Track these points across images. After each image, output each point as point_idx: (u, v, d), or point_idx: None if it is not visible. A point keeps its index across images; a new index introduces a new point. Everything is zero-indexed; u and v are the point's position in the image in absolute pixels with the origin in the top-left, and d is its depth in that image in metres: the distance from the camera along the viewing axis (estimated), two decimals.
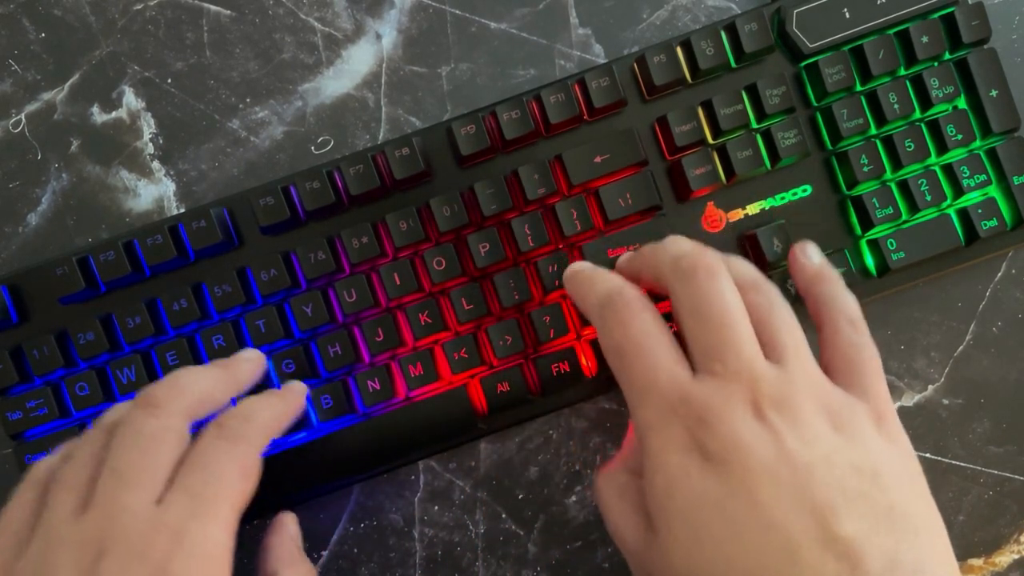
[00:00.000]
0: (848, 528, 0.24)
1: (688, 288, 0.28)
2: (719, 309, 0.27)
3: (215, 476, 0.27)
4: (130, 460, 0.27)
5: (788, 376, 0.26)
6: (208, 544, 0.26)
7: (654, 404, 0.27)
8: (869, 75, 0.36)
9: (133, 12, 0.41)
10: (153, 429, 0.28)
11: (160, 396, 0.28)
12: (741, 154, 0.36)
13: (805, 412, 0.26)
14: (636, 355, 0.28)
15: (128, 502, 0.26)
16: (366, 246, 0.36)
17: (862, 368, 0.28)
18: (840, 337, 0.29)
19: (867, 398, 0.27)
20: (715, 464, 0.25)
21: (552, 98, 0.36)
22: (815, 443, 0.25)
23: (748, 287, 0.28)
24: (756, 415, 0.26)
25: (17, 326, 0.37)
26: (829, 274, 0.31)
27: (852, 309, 0.29)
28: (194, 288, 0.36)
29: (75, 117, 0.40)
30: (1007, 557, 0.39)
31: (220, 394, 0.31)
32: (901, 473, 0.26)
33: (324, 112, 0.40)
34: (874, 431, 0.26)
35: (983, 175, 0.36)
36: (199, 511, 0.26)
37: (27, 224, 0.40)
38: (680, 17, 0.41)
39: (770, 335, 0.27)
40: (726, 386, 0.26)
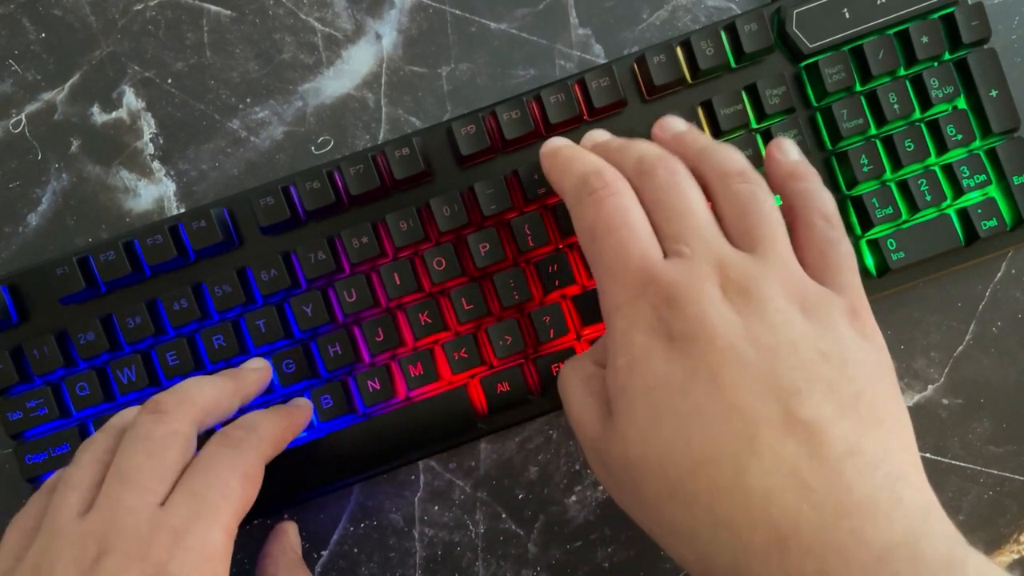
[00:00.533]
0: (810, 411, 0.23)
1: (650, 185, 0.28)
2: (678, 199, 0.27)
3: (218, 481, 0.27)
4: (136, 463, 0.27)
5: (759, 262, 0.26)
6: (208, 546, 0.26)
7: (622, 283, 0.27)
8: (869, 75, 0.36)
9: (133, 12, 0.41)
10: (160, 434, 0.28)
11: (169, 403, 0.29)
12: None
13: (775, 298, 0.25)
14: (608, 233, 0.27)
15: (131, 503, 0.26)
16: (366, 246, 0.36)
17: (837, 263, 0.27)
18: (814, 232, 0.28)
19: (842, 292, 0.27)
20: (680, 344, 0.25)
21: (552, 98, 0.36)
22: (783, 327, 0.25)
23: (732, 174, 0.28)
24: (724, 297, 0.25)
25: (17, 326, 0.37)
26: (804, 171, 0.30)
27: (827, 205, 0.29)
28: (194, 288, 0.36)
29: (75, 117, 0.40)
30: (1007, 557, 0.39)
31: (227, 403, 0.31)
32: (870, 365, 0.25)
33: (324, 112, 0.40)
34: (846, 325, 0.26)
35: (983, 175, 0.36)
36: (201, 514, 0.26)
37: (27, 224, 0.40)
38: (680, 17, 0.41)
39: (748, 225, 0.27)
40: (695, 267, 0.26)
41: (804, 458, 0.23)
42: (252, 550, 0.38)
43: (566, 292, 0.36)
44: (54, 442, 0.36)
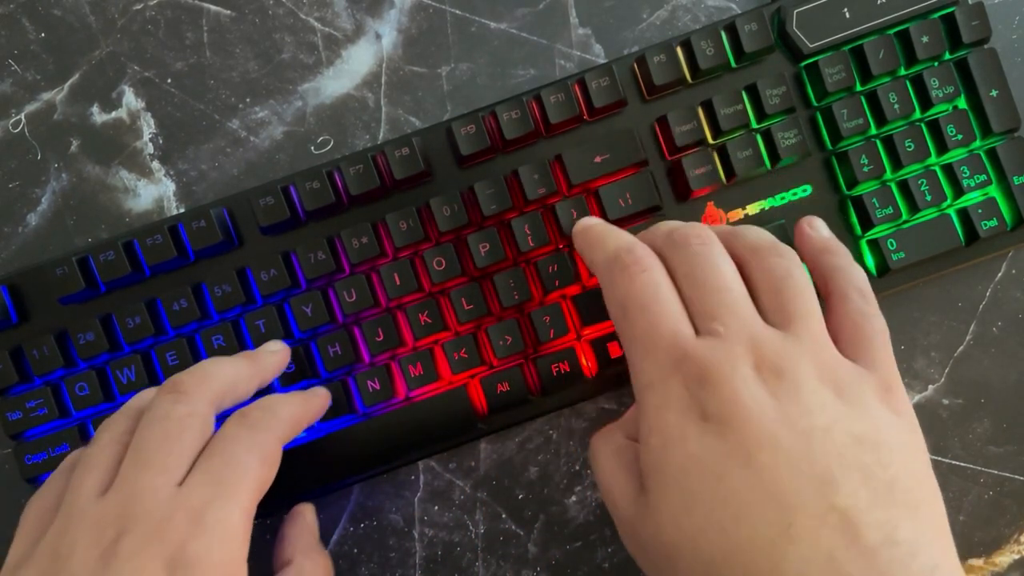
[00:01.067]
0: (847, 499, 0.23)
1: (681, 256, 0.28)
2: (712, 273, 0.27)
3: (236, 462, 0.27)
4: (155, 443, 0.27)
5: (793, 341, 0.26)
6: (227, 526, 0.26)
7: (655, 360, 0.27)
8: (869, 75, 0.36)
9: (133, 12, 0.41)
10: (179, 414, 0.28)
11: (187, 383, 0.29)
12: (741, 154, 0.36)
13: (808, 379, 0.25)
14: (640, 310, 0.27)
15: (150, 483, 0.26)
16: (366, 246, 0.36)
17: (870, 338, 0.27)
18: (848, 306, 0.28)
19: (874, 368, 0.27)
20: (713, 425, 0.25)
21: (552, 98, 0.36)
22: (817, 411, 0.25)
23: (766, 250, 0.28)
24: (758, 378, 0.25)
25: (17, 326, 0.37)
26: (836, 247, 0.30)
27: (860, 280, 0.29)
28: (194, 288, 0.36)
29: (75, 117, 0.40)
30: (1007, 557, 0.39)
31: (245, 385, 0.31)
32: (904, 446, 0.25)
33: (324, 112, 0.40)
34: (879, 402, 0.26)
35: (983, 175, 0.36)
36: (219, 494, 0.26)
37: (27, 224, 0.40)
38: (680, 17, 0.41)
39: (782, 301, 0.27)
40: (728, 347, 0.26)
41: (841, 547, 0.23)
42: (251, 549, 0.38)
43: (566, 292, 0.36)
44: (54, 442, 0.36)
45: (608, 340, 0.36)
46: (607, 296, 0.29)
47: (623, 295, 0.28)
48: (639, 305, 0.28)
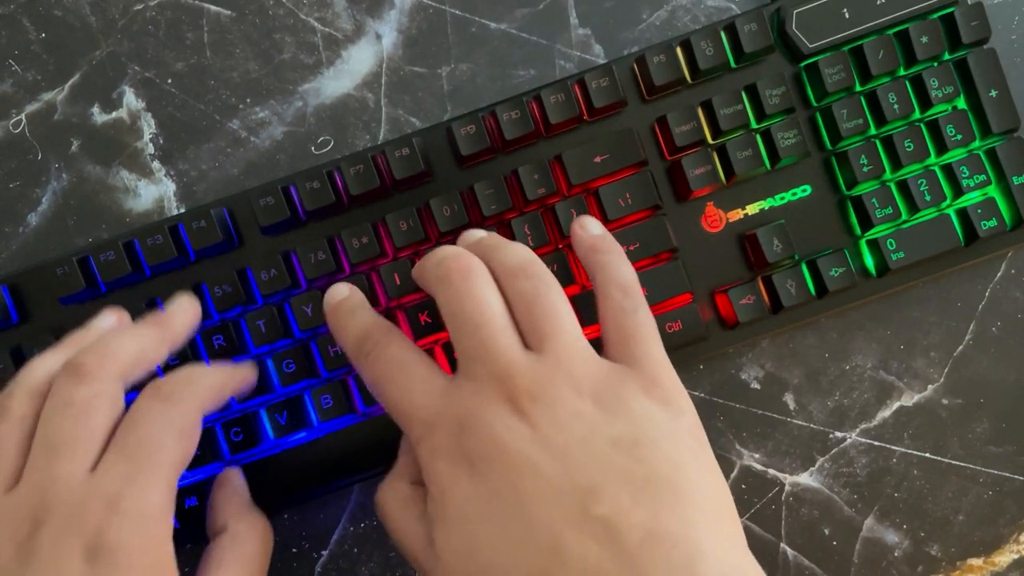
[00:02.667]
0: (605, 507, 0.23)
1: (445, 293, 0.28)
2: (471, 309, 0.27)
3: (151, 438, 0.26)
4: (62, 430, 0.26)
5: (546, 362, 0.26)
6: (145, 508, 0.25)
7: (417, 422, 0.27)
8: (869, 75, 0.36)
9: (133, 12, 0.41)
10: (84, 396, 0.27)
11: (88, 363, 0.27)
12: (741, 154, 0.36)
13: (563, 395, 0.25)
14: (388, 384, 0.28)
15: (61, 472, 0.25)
16: (366, 246, 0.36)
17: (634, 333, 0.27)
18: (610, 304, 0.28)
19: (637, 365, 0.27)
20: (479, 467, 0.25)
21: (552, 98, 0.36)
22: (572, 424, 0.25)
23: (515, 274, 0.28)
24: (513, 411, 0.25)
25: (17, 326, 0.37)
26: (604, 244, 0.30)
27: (624, 276, 0.29)
28: (194, 288, 0.36)
29: (75, 117, 0.40)
30: (1007, 557, 0.39)
31: (153, 352, 0.30)
32: (667, 437, 0.25)
33: (324, 112, 0.40)
34: (642, 397, 0.26)
35: (983, 175, 0.36)
36: (135, 475, 0.26)
37: (27, 224, 0.40)
38: (680, 17, 0.41)
39: (533, 322, 0.27)
40: (482, 388, 0.26)
41: (607, 557, 0.23)
42: None
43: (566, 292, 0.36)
44: None
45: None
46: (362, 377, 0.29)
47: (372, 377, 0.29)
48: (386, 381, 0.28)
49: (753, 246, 0.36)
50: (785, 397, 0.39)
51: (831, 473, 0.39)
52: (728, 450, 0.39)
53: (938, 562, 0.39)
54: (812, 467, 0.39)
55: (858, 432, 0.39)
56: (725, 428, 0.39)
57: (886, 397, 0.39)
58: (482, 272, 0.28)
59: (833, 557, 0.39)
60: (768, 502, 0.39)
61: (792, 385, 0.39)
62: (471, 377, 0.26)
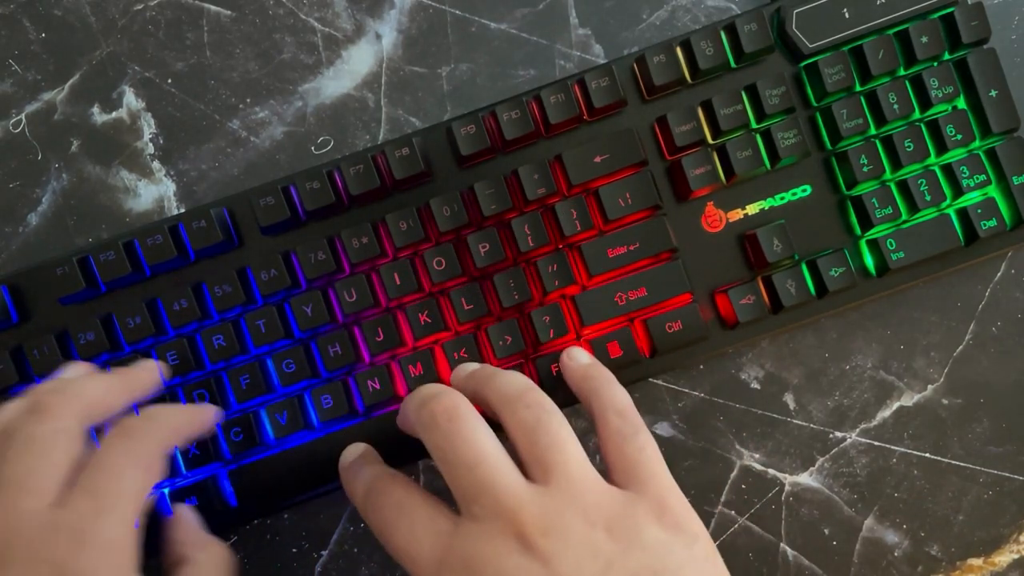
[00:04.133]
0: None
1: (433, 438, 0.28)
2: (465, 451, 0.27)
3: (115, 474, 0.27)
4: (23, 466, 0.26)
5: (554, 496, 0.26)
6: (110, 540, 0.25)
7: (422, 566, 0.27)
8: (869, 75, 0.36)
9: (133, 12, 0.41)
10: (44, 433, 0.27)
11: (48, 401, 0.28)
12: (741, 154, 0.36)
13: (575, 529, 0.25)
14: (394, 529, 0.28)
15: (24, 507, 0.25)
16: (366, 246, 0.36)
17: (635, 457, 0.27)
18: (608, 430, 0.28)
19: (643, 491, 0.27)
20: None
21: (552, 98, 0.36)
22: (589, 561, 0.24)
23: (513, 403, 0.28)
24: (524, 548, 0.25)
25: (17, 326, 0.37)
26: (595, 372, 0.31)
27: (618, 400, 0.29)
28: (194, 288, 0.36)
29: (75, 117, 0.40)
30: (1007, 557, 0.39)
31: (113, 399, 0.30)
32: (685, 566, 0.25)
33: (324, 112, 0.40)
34: (655, 525, 0.26)
35: (983, 175, 0.36)
36: (99, 510, 0.26)
37: (27, 224, 0.40)
38: (680, 17, 0.41)
39: (536, 453, 0.27)
40: (487, 528, 0.25)
41: None
42: (251, 549, 0.38)
43: (566, 292, 0.36)
44: None
45: (608, 340, 0.36)
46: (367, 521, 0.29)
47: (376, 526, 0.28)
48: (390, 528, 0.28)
49: (753, 246, 0.36)
50: (785, 397, 0.39)
51: (831, 473, 0.39)
52: (728, 450, 0.39)
53: (938, 562, 0.39)
54: (812, 467, 0.39)
55: (858, 432, 0.39)
56: (725, 428, 0.39)
57: (886, 397, 0.39)
58: (468, 409, 0.28)
59: (833, 557, 0.39)
60: (768, 502, 0.39)
61: (792, 385, 0.39)
62: (474, 518, 0.26)
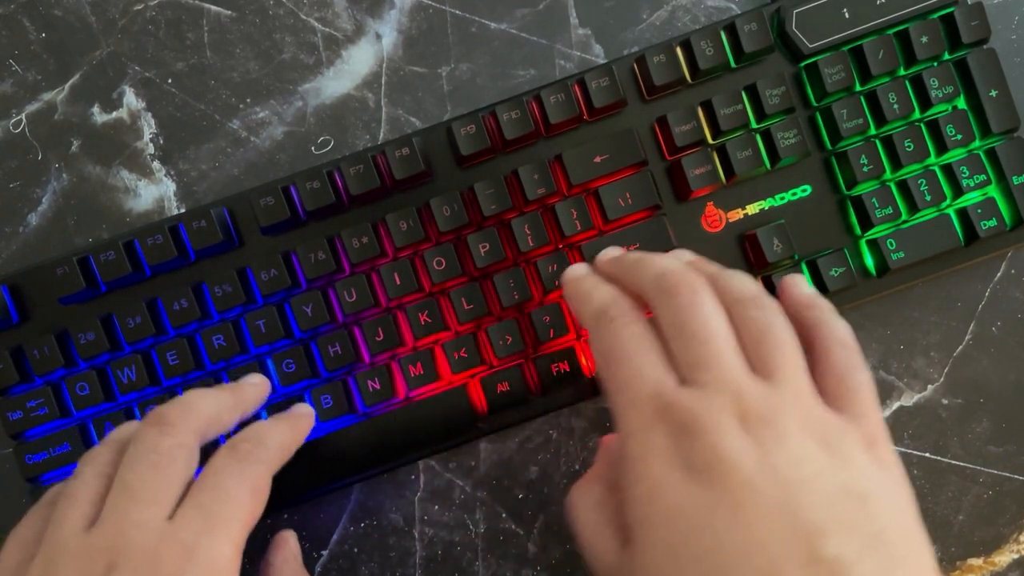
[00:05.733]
0: (833, 550, 0.23)
1: (670, 306, 0.28)
2: (701, 324, 0.27)
3: (226, 495, 0.27)
4: (142, 476, 0.27)
5: (777, 393, 0.26)
6: (217, 560, 0.26)
7: (638, 409, 0.26)
8: (869, 75, 0.36)
9: (133, 12, 0.41)
10: (166, 446, 0.28)
11: (172, 416, 0.29)
12: (741, 154, 0.36)
13: (793, 430, 0.25)
14: (623, 359, 0.27)
15: (139, 517, 0.26)
16: (366, 246, 0.36)
17: (854, 391, 0.27)
18: (832, 359, 0.28)
19: (859, 421, 0.26)
20: (698, 475, 0.24)
21: (552, 98, 0.36)
22: (802, 462, 0.24)
23: (747, 302, 0.28)
24: (742, 428, 0.25)
25: (17, 326, 0.37)
26: (820, 302, 0.30)
27: (844, 333, 0.29)
28: (194, 288, 0.36)
29: (75, 117, 0.40)
30: (1007, 557, 0.39)
31: (227, 416, 0.31)
32: (891, 499, 0.25)
33: (324, 112, 0.40)
34: (864, 455, 0.26)
35: (983, 175, 0.36)
36: (210, 528, 0.26)
37: (27, 224, 0.40)
38: (680, 17, 0.41)
39: (764, 352, 0.27)
40: (712, 396, 0.25)
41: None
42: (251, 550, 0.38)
43: None
44: (54, 442, 0.36)
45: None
46: (593, 346, 0.29)
47: (607, 345, 0.28)
48: (622, 356, 0.27)
49: (753, 246, 0.36)
50: None
51: None
52: None
53: (938, 562, 0.39)
54: None
55: None
56: None
57: (886, 397, 0.39)
58: (710, 292, 0.28)
59: None
60: None
61: None
62: (700, 384, 0.26)
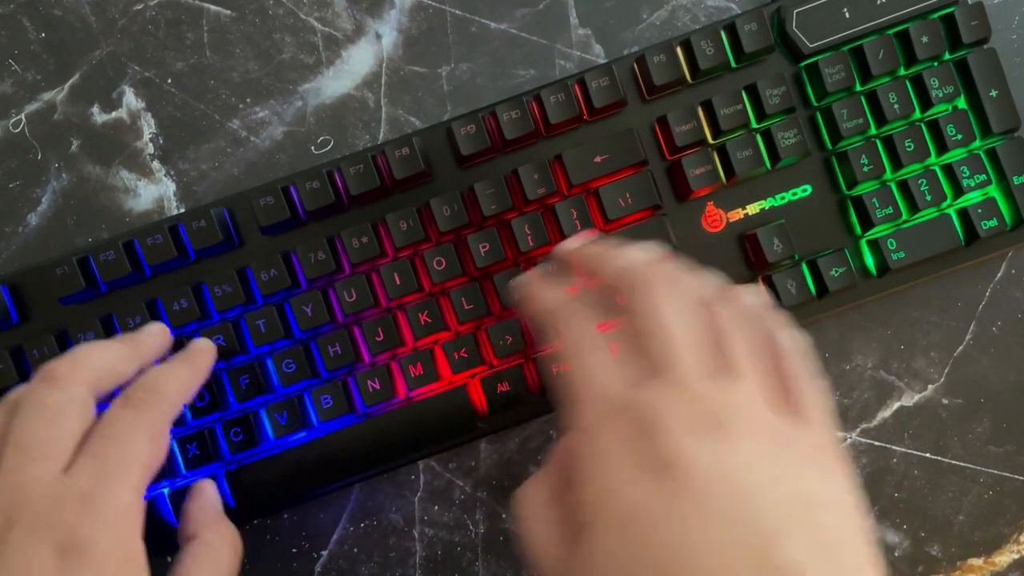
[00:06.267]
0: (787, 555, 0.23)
1: (634, 301, 0.27)
2: (661, 323, 0.27)
3: (122, 442, 0.27)
4: (34, 432, 0.27)
5: (732, 394, 0.26)
6: (118, 507, 0.26)
7: (592, 408, 0.26)
8: (869, 75, 0.36)
9: (133, 12, 0.41)
10: (56, 400, 0.28)
11: (61, 370, 0.29)
12: (741, 154, 0.36)
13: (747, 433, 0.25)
14: (576, 358, 0.27)
15: (34, 473, 0.26)
16: (366, 246, 0.36)
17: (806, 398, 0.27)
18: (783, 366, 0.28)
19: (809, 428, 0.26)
20: (653, 475, 0.24)
21: (552, 98, 0.36)
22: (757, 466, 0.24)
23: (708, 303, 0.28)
24: (698, 429, 0.25)
25: (17, 326, 0.37)
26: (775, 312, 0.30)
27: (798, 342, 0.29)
28: (194, 288, 0.36)
29: (75, 117, 0.40)
30: (1007, 557, 0.39)
31: (123, 366, 0.31)
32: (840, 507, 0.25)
33: (324, 112, 0.40)
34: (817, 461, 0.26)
35: (983, 175, 0.36)
36: (107, 476, 0.26)
37: (27, 224, 0.40)
38: (680, 17, 0.41)
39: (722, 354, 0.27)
40: (669, 396, 0.25)
41: None
42: (251, 549, 0.38)
43: None
44: None
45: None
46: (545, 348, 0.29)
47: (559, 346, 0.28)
48: (575, 354, 0.27)
49: (753, 246, 0.36)
50: None
51: None
52: None
53: (938, 562, 0.39)
54: None
55: (858, 432, 0.39)
56: None
57: (886, 397, 0.39)
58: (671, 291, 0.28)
59: None
60: None
61: None
62: (657, 384, 0.26)
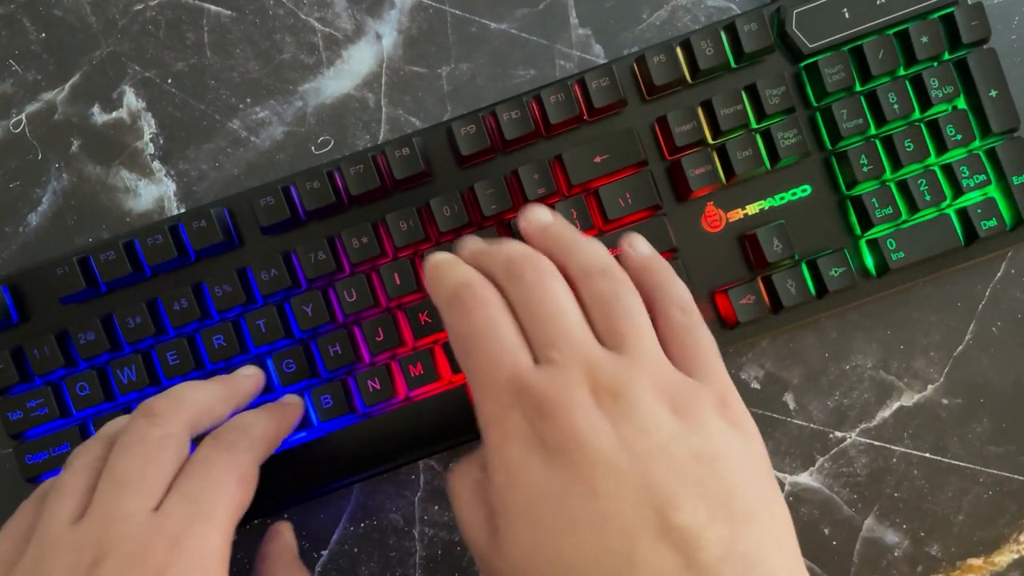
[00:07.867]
0: (685, 518, 0.23)
1: (517, 286, 0.28)
2: (547, 303, 0.27)
3: (212, 483, 0.27)
4: (130, 467, 0.27)
5: (627, 362, 0.26)
6: (206, 549, 0.26)
7: (494, 394, 0.26)
8: (869, 75, 0.36)
9: (133, 12, 0.41)
10: (154, 437, 0.28)
11: (161, 407, 0.29)
12: (741, 154, 0.36)
13: (644, 399, 0.25)
14: (477, 343, 0.27)
15: (127, 508, 0.26)
16: (366, 246, 0.36)
17: (698, 352, 0.27)
18: (671, 323, 0.28)
19: (708, 382, 0.27)
20: (555, 456, 0.24)
21: (552, 98, 0.36)
22: (654, 431, 0.25)
23: (594, 273, 0.28)
24: (595, 403, 0.25)
25: (17, 326, 0.37)
26: (655, 264, 0.30)
27: (681, 296, 0.29)
28: (194, 288, 0.36)
29: (75, 117, 0.40)
30: (1007, 557, 0.39)
31: (220, 408, 0.31)
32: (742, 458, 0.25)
33: (324, 112, 0.40)
34: (716, 415, 0.26)
35: (982, 175, 0.36)
36: (197, 517, 0.26)
37: (27, 224, 0.40)
38: (680, 17, 0.41)
39: (612, 323, 0.27)
40: (564, 374, 0.25)
41: (681, 567, 0.22)
42: (252, 550, 0.38)
43: None
44: (54, 442, 0.36)
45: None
46: (449, 332, 0.29)
47: (461, 331, 0.28)
48: (476, 339, 0.27)
49: (753, 246, 0.36)
50: (785, 397, 0.39)
51: (831, 473, 0.39)
52: None
53: (938, 562, 0.39)
54: (812, 467, 0.39)
55: (858, 432, 0.39)
56: None
57: (886, 397, 0.39)
58: (555, 270, 0.28)
59: (833, 557, 0.39)
60: None
61: (792, 385, 0.39)
62: (551, 363, 0.26)
